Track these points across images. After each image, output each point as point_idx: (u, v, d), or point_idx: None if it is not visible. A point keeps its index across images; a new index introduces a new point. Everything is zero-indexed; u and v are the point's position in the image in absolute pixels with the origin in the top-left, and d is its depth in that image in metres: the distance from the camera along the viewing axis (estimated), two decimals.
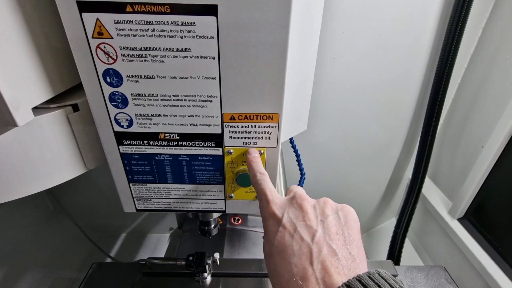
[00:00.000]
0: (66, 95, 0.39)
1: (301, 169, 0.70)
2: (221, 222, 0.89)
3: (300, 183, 0.68)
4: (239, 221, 1.01)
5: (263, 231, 0.94)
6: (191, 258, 0.66)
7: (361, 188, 1.03)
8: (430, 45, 0.75)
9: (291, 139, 0.67)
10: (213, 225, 0.60)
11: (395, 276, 0.70)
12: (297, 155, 0.69)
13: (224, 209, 0.45)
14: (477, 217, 0.78)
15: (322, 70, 0.77)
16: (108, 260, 1.01)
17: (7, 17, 0.29)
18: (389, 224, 1.12)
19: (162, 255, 1.07)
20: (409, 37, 0.73)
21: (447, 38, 0.70)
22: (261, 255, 0.92)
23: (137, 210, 0.44)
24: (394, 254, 0.94)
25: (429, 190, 0.93)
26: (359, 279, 0.20)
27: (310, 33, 0.43)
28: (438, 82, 0.75)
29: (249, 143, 0.38)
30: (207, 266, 0.65)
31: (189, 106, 0.35)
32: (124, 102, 0.34)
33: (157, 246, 1.12)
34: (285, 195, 0.59)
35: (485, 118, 0.74)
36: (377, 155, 0.94)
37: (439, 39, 0.73)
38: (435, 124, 0.79)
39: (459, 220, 0.81)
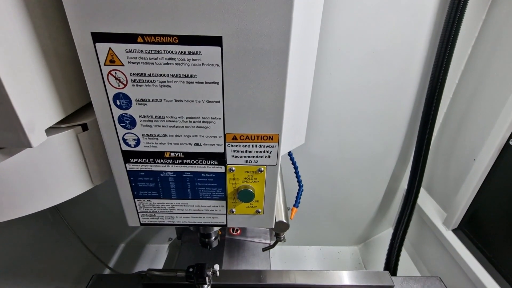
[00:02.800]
0: (75, 114, 0.41)
1: (299, 181, 0.72)
2: (220, 233, 0.90)
3: (298, 195, 0.70)
4: (238, 232, 1.03)
5: (261, 241, 0.95)
6: (191, 269, 0.67)
7: (358, 199, 1.05)
8: (422, 61, 0.78)
9: (289, 152, 0.69)
10: (213, 237, 0.61)
11: (391, 287, 0.71)
12: (295, 167, 0.71)
13: (225, 223, 0.46)
14: (470, 228, 0.80)
15: (319, 86, 0.79)
16: (107, 270, 1.01)
17: (25, 45, 0.31)
18: (386, 234, 1.13)
19: (161, 266, 1.07)
20: (402, 54, 0.76)
21: (439, 55, 0.73)
22: (260, 266, 0.93)
23: (141, 224, 0.46)
24: (391, 265, 0.95)
25: (424, 201, 0.95)
26: None
27: (308, 52, 0.45)
28: (431, 97, 0.77)
29: (250, 161, 0.40)
30: (207, 278, 0.66)
31: (194, 127, 0.37)
32: (132, 123, 0.36)
33: (156, 256, 1.12)
34: (284, 210, 0.60)
35: (476, 132, 0.76)
36: (374, 166, 0.97)
37: (431, 55, 0.76)
38: (428, 137, 0.82)
39: (454, 231, 0.83)
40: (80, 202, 1.01)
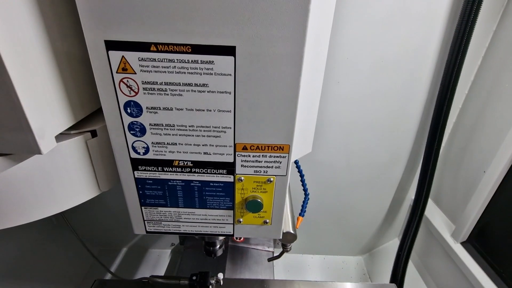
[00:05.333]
0: (85, 120, 0.41)
1: (305, 189, 0.71)
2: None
3: (304, 203, 0.69)
4: (242, 239, 1.01)
5: (265, 249, 0.94)
6: (194, 277, 0.66)
7: (364, 208, 1.03)
8: (432, 70, 0.77)
9: (296, 160, 0.68)
10: (218, 246, 0.61)
11: None
12: (301, 175, 0.70)
13: (232, 233, 0.45)
14: (480, 242, 0.78)
15: (327, 93, 0.79)
16: (109, 275, 1.00)
17: (38, 51, 0.31)
18: (391, 245, 1.11)
19: (163, 271, 1.06)
20: (412, 63, 0.76)
21: (449, 65, 0.73)
22: (263, 274, 0.92)
23: (147, 232, 0.45)
24: (398, 277, 0.93)
25: (432, 212, 0.93)
26: None
27: (318, 60, 0.45)
28: (440, 107, 0.77)
29: (259, 171, 0.39)
30: (210, 286, 0.65)
31: (204, 136, 0.36)
32: (142, 131, 0.36)
33: (158, 262, 1.11)
34: (291, 220, 0.59)
35: (486, 143, 0.75)
36: (380, 175, 0.95)
37: (441, 64, 0.76)
38: (437, 148, 0.80)
39: (462, 244, 0.81)
40: (84, 206, 1.01)
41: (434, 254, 0.92)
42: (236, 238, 1.01)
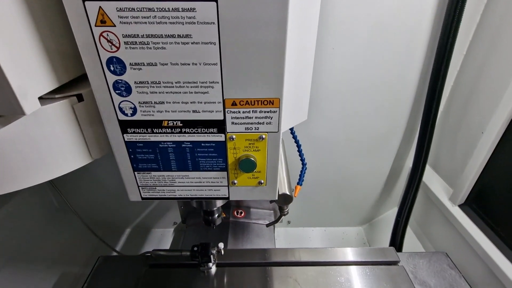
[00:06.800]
0: (71, 85, 0.40)
1: (302, 159, 0.70)
2: (224, 215, 0.90)
3: (302, 173, 0.69)
4: (242, 214, 1.02)
5: (265, 223, 0.95)
6: (195, 248, 0.67)
7: (362, 179, 1.03)
8: (428, 32, 0.75)
9: (291, 129, 0.67)
10: (216, 215, 0.61)
11: (397, 262, 0.70)
12: (298, 145, 0.70)
13: (227, 196, 0.45)
14: (478, 203, 0.79)
15: (321, 61, 0.77)
16: (114, 254, 1.02)
17: (13, 7, 0.30)
18: (391, 214, 1.12)
19: None
20: (408, 25, 0.73)
21: (446, 25, 0.70)
22: (264, 247, 0.93)
23: (142, 198, 0.45)
24: (396, 242, 0.95)
25: (430, 178, 0.93)
26: None
27: (308, 20, 0.44)
28: (437, 70, 0.75)
29: (251, 128, 0.38)
30: (211, 256, 0.67)
31: (191, 92, 0.35)
32: (128, 90, 0.35)
33: (162, 240, 1.13)
34: (287, 183, 0.59)
35: (484, 104, 0.74)
36: (378, 145, 0.95)
37: (438, 26, 0.73)
38: (434, 112, 0.79)
39: (460, 206, 0.82)
40: (85, 187, 1.02)
41: (432, 219, 0.93)
42: (237, 214, 1.02)
